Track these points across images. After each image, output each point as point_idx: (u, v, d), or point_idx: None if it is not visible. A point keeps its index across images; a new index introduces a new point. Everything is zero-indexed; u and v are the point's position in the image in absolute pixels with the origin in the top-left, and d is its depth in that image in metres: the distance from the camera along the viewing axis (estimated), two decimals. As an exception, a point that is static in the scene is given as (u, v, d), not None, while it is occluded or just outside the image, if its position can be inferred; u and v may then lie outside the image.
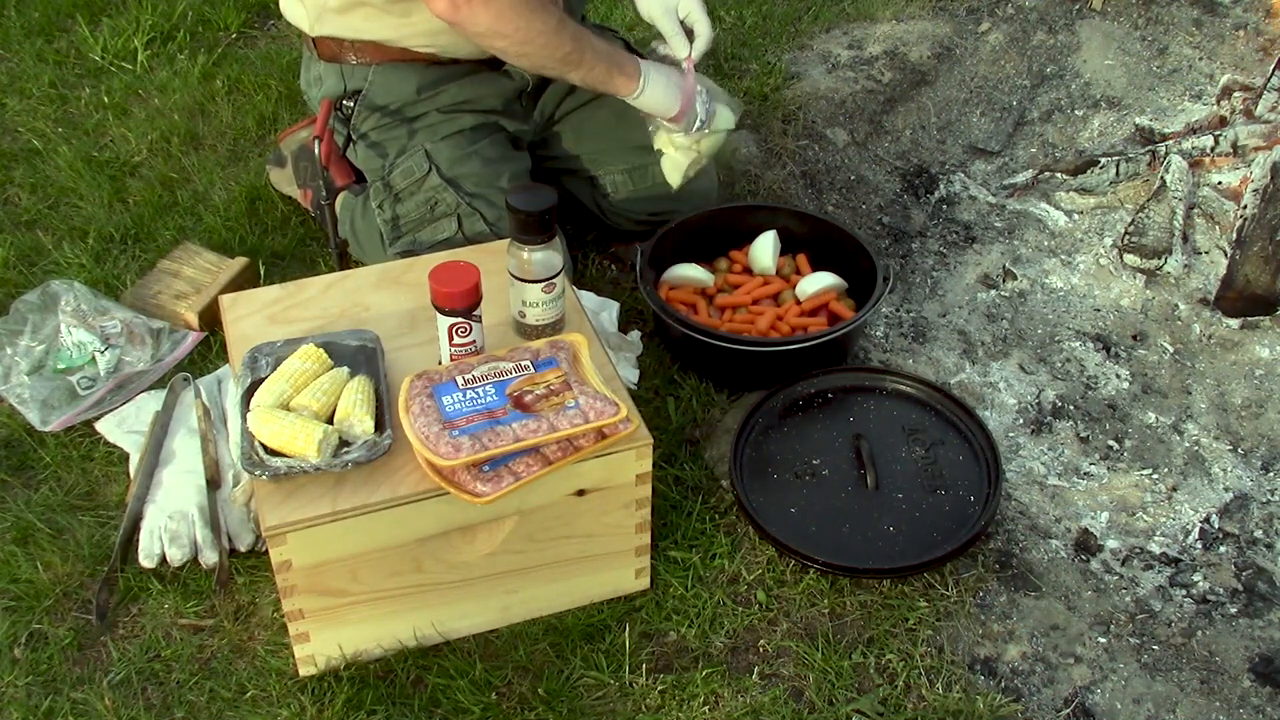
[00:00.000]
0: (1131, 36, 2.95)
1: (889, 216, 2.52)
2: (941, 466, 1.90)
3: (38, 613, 1.75)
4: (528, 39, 1.93)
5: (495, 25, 1.90)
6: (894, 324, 2.26)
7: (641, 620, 1.74)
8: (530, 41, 1.93)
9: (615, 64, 2.02)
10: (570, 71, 2.00)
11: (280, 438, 1.53)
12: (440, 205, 2.05)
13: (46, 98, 2.73)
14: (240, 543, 1.80)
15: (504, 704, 1.64)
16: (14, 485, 1.93)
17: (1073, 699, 1.66)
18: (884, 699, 1.65)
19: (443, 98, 2.09)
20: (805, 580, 1.78)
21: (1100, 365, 2.19)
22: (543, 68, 2.01)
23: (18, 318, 2.10)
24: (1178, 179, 2.42)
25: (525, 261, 1.68)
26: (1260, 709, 1.66)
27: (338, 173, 2.06)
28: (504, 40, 1.93)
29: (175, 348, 2.12)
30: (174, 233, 2.37)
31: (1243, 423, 2.10)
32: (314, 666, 1.66)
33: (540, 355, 1.64)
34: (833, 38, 2.92)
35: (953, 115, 2.78)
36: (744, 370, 2.05)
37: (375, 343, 1.69)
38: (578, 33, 1.98)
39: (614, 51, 2.04)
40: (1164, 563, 1.86)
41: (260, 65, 2.82)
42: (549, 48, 1.95)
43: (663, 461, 1.93)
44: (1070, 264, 2.41)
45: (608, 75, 2.02)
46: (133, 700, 1.65)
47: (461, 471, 1.52)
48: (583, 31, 2.00)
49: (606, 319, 2.08)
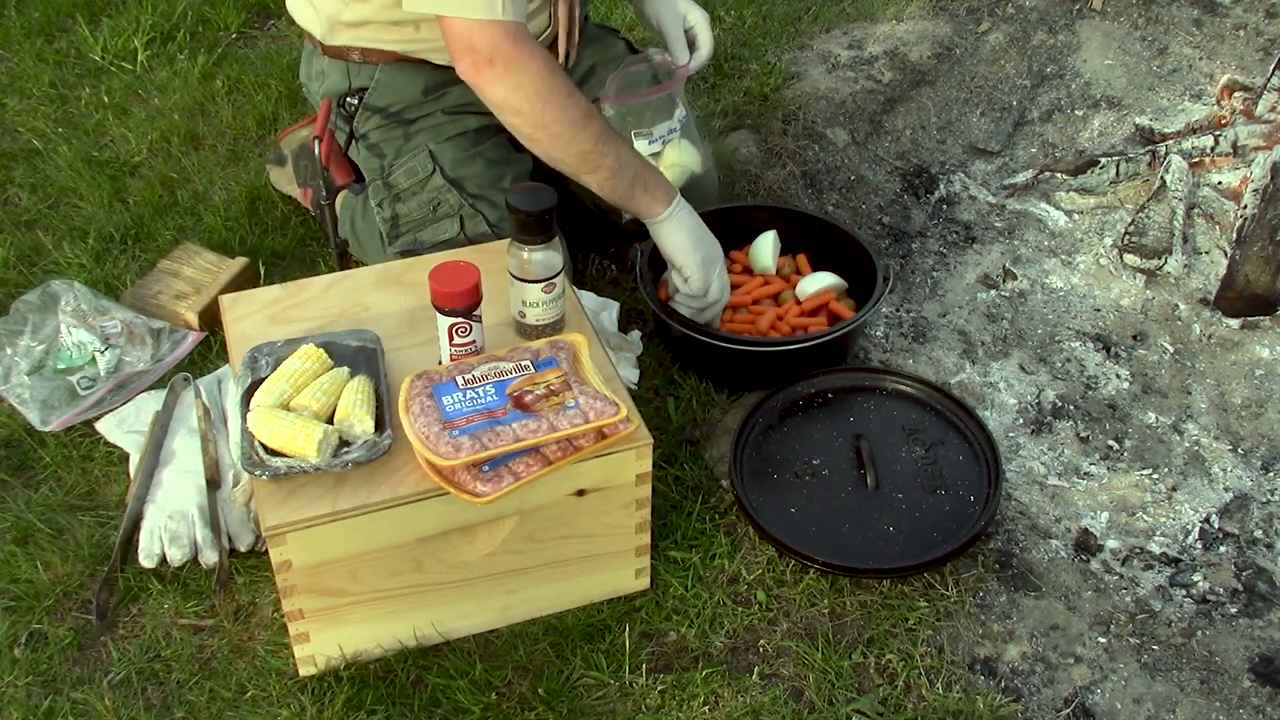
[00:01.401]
0: (1131, 36, 2.95)
1: (889, 216, 2.52)
2: (941, 466, 1.90)
3: (38, 613, 1.75)
4: (542, 124, 1.80)
5: (510, 99, 1.80)
6: (894, 324, 2.26)
7: (641, 620, 1.74)
8: (545, 127, 1.81)
9: (642, 181, 1.88)
10: (587, 174, 1.86)
11: (280, 438, 1.53)
12: (443, 206, 2.05)
13: (46, 98, 2.73)
14: (240, 543, 1.80)
15: (504, 704, 1.64)
16: (14, 485, 1.93)
17: (1073, 699, 1.66)
18: (884, 699, 1.65)
19: (448, 99, 2.09)
20: (805, 580, 1.78)
21: (1100, 365, 2.19)
22: (557, 161, 1.87)
23: (18, 318, 2.10)
24: (1178, 179, 2.42)
25: (525, 261, 1.68)
26: (1260, 709, 1.66)
27: (338, 172, 2.06)
28: (518, 118, 1.82)
29: (175, 348, 2.12)
30: (174, 233, 2.37)
31: (1243, 423, 2.10)
32: (314, 666, 1.66)
33: (540, 355, 1.64)
34: (833, 38, 2.92)
35: (953, 115, 2.79)
36: (744, 370, 2.05)
37: (375, 343, 1.69)
38: (605, 134, 1.84)
39: (645, 167, 1.90)
40: (1164, 563, 1.86)
41: (260, 65, 2.82)
42: (564, 139, 1.82)
43: (663, 461, 1.93)
44: (1070, 264, 2.41)
45: (630, 190, 1.88)
46: (133, 700, 1.65)
47: (461, 471, 1.52)
48: (614, 135, 1.87)
49: (606, 319, 2.08)
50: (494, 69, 1.78)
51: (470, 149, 2.08)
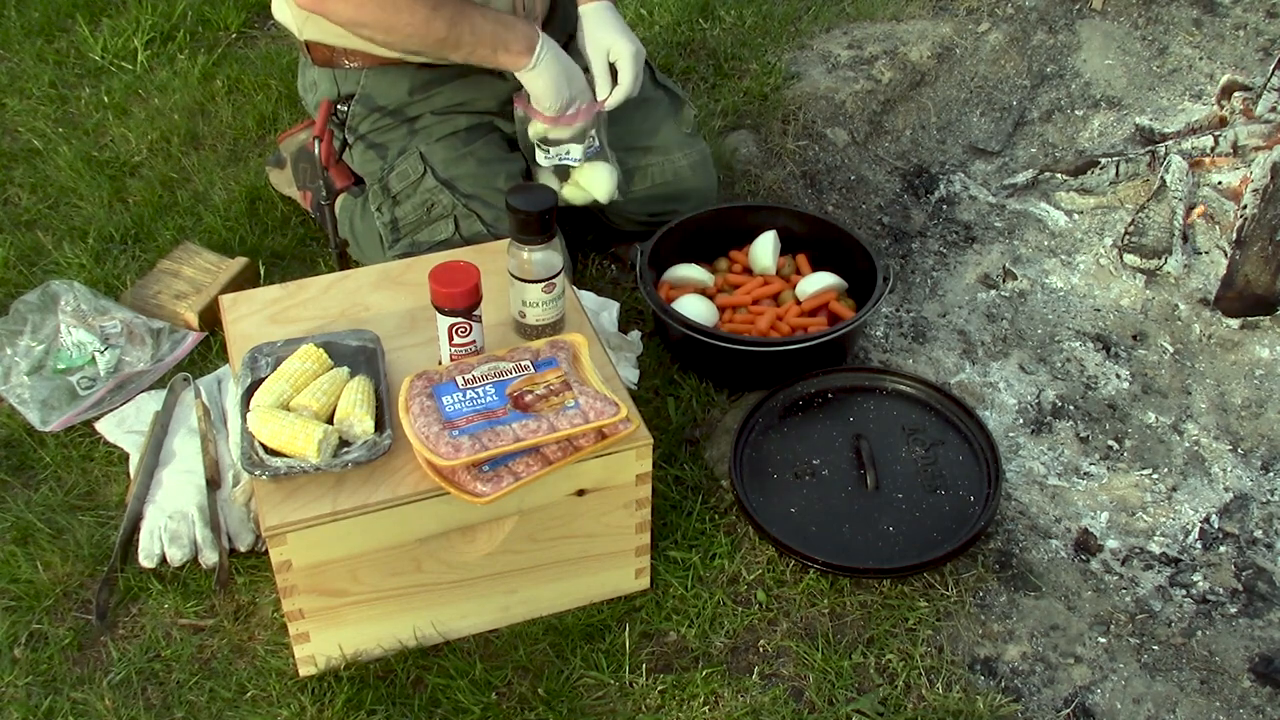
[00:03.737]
0: (1131, 36, 2.95)
1: (889, 216, 2.52)
2: (941, 466, 1.90)
3: (38, 613, 1.75)
4: (392, 27, 1.92)
5: (358, 15, 1.91)
6: (894, 324, 2.26)
7: (641, 620, 1.74)
8: (395, 30, 1.92)
9: (501, 42, 1.97)
10: (450, 54, 1.98)
11: (280, 438, 1.53)
12: (437, 207, 2.05)
13: (46, 98, 2.73)
14: (240, 543, 1.80)
15: (504, 704, 1.64)
16: (14, 485, 1.93)
17: (1073, 699, 1.66)
18: (884, 699, 1.65)
19: (437, 100, 2.09)
20: (805, 580, 1.78)
21: (1100, 365, 2.19)
22: (420, 53, 2.01)
23: (18, 318, 2.10)
24: (1178, 179, 2.42)
25: (525, 261, 1.68)
26: (1260, 709, 1.66)
27: (337, 174, 2.07)
28: (368, 30, 1.94)
29: (175, 348, 2.12)
30: (174, 233, 2.37)
31: (1243, 423, 2.10)
32: (314, 666, 1.66)
33: (540, 355, 1.64)
34: (833, 38, 2.92)
35: (953, 115, 2.78)
36: (744, 370, 2.05)
37: (375, 343, 1.69)
38: (454, 16, 1.93)
39: (501, 30, 1.97)
40: (1164, 563, 1.86)
41: (260, 65, 2.82)
42: (419, 35, 1.93)
43: (663, 461, 1.93)
44: (1070, 264, 2.41)
45: (492, 54, 1.98)
46: (133, 700, 1.65)
47: (461, 471, 1.52)
48: (463, 12, 1.95)
49: (606, 319, 2.08)
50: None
51: (461, 149, 2.08)
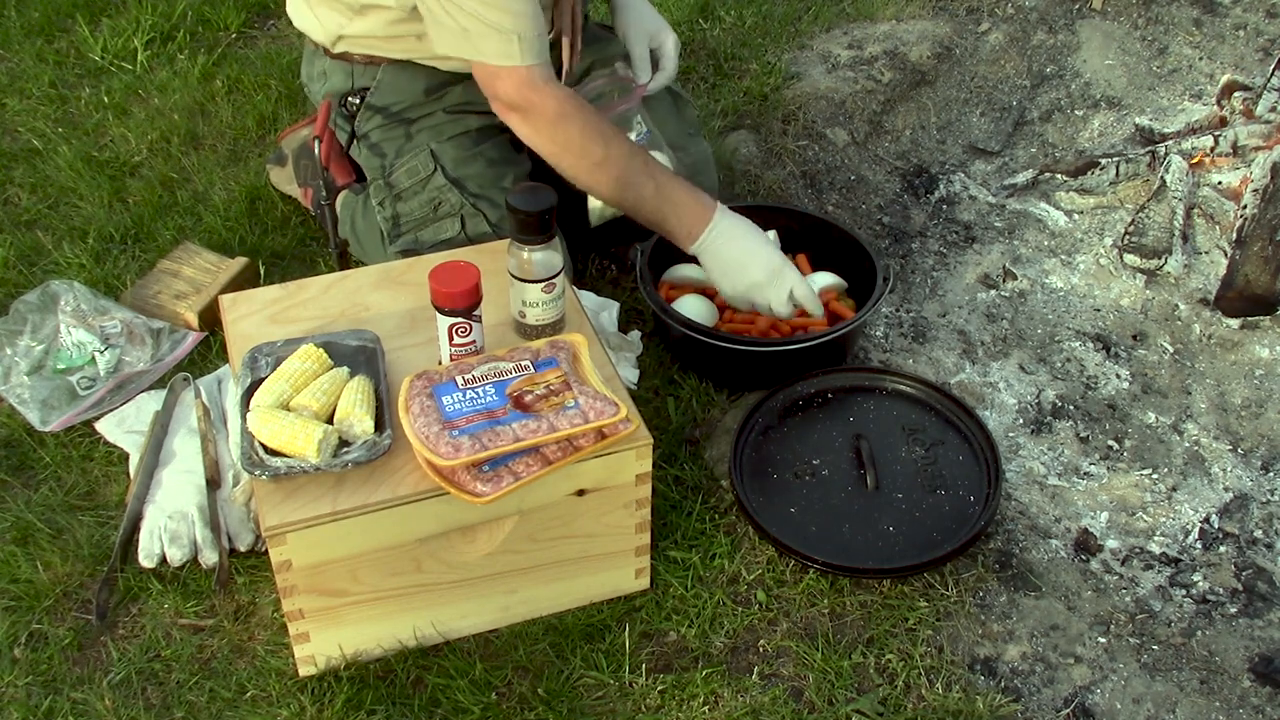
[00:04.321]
0: (1131, 36, 2.95)
1: (889, 216, 2.52)
2: (941, 466, 1.90)
3: (38, 613, 1.75)
4: (562, 166, 1.91)
5: (534, 140, 1.91)
6: (894, 324, 2.26)
7: (641, 620, 1.74)
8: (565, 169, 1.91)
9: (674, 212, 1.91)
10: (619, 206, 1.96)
11: (280, 438, 1.53)
12: (444, 205, 2.05)
13: (46, 98, 2.73)
14: (240, 543, 1.80)
15: (504, 704, 1.64)
16: (14, 485, 1.93)
17: (1073, 699, 1.66)
18: (884, 699, 1.65)
19: (449, 98, 2.09)
20: (805, 580, 1.78)
21: (1100, 365, 2.19)
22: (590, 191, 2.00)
23: (18, 318, 2.10)
24: (1178, 179, 2.42)
25: (525, 261, 1.68)
26: (1260, 709, 1.66)
27: (338, 172, 2.07)
28: (545, 155, 1.92)
29: (175, 348, 2.12)
30: (174, 233, 2.37)
31: (1243, 423, 2.10)
32: (314, 666, 1.66)
33: (540, 355, 1.64)
34: (833, 38, 2.92)
35: (953, 115, 2.79)
36: (744, 370, 2.05)
37: (375, 343, 1.69)
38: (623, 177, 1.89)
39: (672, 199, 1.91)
40: (1164, 563, 1.86)
41: (260, 65, 2.82)
42: (582, 181, 1.93)
43: (663, 461, 1.93)
44: (1070, 264, 2.41)
45: (660, 223, 1.94)
46: (133, 700, 1.65)
47: (461, 471, 1.52)
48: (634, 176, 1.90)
49: (606, 319, 2.08)
50: (517, 114, 1.89)
51: (471, 148, 2.08)
